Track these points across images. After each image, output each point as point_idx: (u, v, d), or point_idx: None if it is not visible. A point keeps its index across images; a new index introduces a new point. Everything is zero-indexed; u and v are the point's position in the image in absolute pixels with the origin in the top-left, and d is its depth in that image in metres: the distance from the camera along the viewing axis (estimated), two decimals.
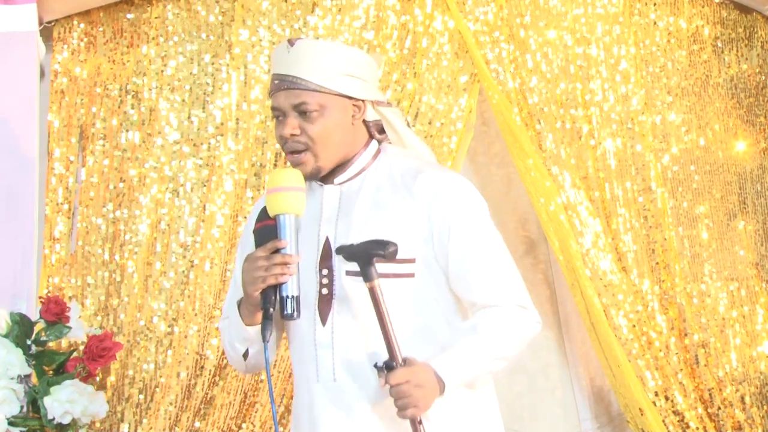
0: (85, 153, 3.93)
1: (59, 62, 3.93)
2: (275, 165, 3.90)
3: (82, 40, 3.96)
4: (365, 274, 2.30)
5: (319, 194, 2.49)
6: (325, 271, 2.42)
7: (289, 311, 2.33)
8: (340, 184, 2.49)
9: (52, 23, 3.91)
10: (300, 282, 2.35)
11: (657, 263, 4.09)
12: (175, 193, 3.91)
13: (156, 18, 3.98)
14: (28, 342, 3.46)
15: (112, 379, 3.80)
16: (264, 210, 2.39)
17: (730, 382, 4.05)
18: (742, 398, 4.06)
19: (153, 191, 3.90)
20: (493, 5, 4.04)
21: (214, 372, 3.80)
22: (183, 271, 3.85)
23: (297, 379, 2.51)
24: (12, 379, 3.37)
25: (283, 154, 3.87)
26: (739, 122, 4.26)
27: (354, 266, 2.34)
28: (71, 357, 3.49)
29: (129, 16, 3.98)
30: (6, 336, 3.41)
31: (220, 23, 3.99)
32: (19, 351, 3.39)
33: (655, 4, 4.23)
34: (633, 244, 4.07)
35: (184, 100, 3.95)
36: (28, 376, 3.44)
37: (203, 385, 3.80)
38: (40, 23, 3.79)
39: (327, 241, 2.44)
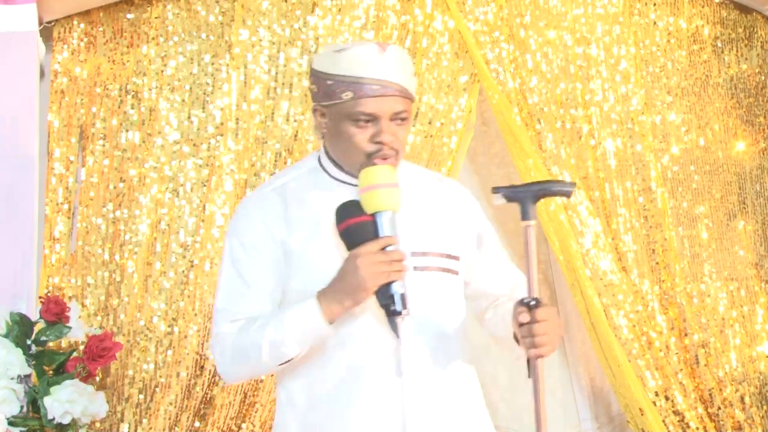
0: (85, 153, 3.92)
1: (59, 62, 3.92)
2: (275, 165, 3.90)
3: (82, 40, 3.96)
4: (526, 212, 2.35)
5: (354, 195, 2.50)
6: None
7: (399, 308, 2.32)
8: None
9: (52, 23, 3.91)
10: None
11: (657, 263, 4.09)
12: (175, 193, 3.91)
13: (156, 18, 3.98)
14: (28, 342, 3.46)
15: (111, 379, 3.80)
16: (345, 207, 2.37)
17: (730, 382, 4.05)
18: (742, 398, 4.06)
19: (153, 191, 3.90)
20: (493, 5, 4.04)
21: (214, 372, 3.80)
22: (183, 271, 3.85)
23: (353, 377, 2.42)
24: (12, 379, 3.37)
25: (283, 154, 3.89)
26: (738, 122, 4.26)
27: (419, 261, 2.43)
28: (71, 357, 3.49)
29: (129, 16, 3.98)
30: (6, 336, 3.42)
31: (220, 23, 3.99)
32: (19, 351, 3.40)
33: (655, 4, 4.23)
34: (633, 244, 4.07)
35: (184, 100, 3.95)
36: (28, 376, 3.44)
37: (203, 385, 3.80)
38: (40, 23, 3.79)
39: None
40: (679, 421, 3.99)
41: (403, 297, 2.32)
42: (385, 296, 2.32)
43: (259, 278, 2.46)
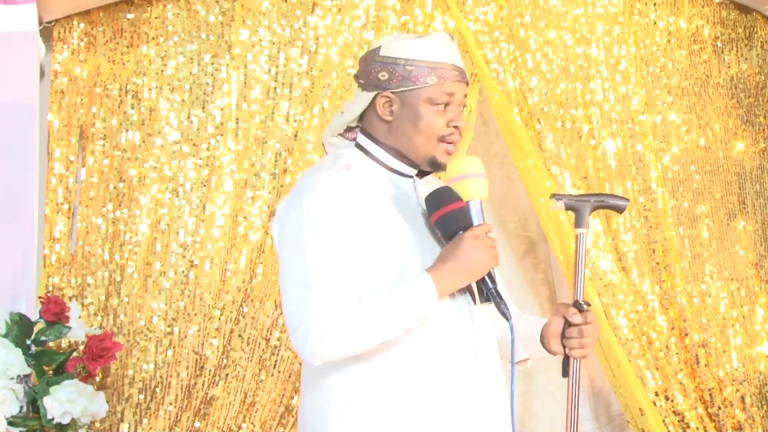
0: (84, 153, 3.92)
1: (59, 62, 3.92)
2: (275, 165, 3.90)
3: (82, 40, 3.96)
4: (581, 221, 2.52)
5: (407, 185, 2.56)
6: None
7: (499, 293, 2.44)
8: (420, 177, 2.61)
9: (52, 23, 3.91)
10: None
11: (657, 263, 4.09)
12: (175, 193, 3.90)
13: (156, 18, 3.98)
14: (28, 342, 3.46)
15: (111, 379, 3.80)
16: (438, 196, 2.44)
17: (730, 382, 4.05)
18: (743, 398, 4.06)
19: (153, 191, 3.90)
20: (493, 5, 4.04)
21: (214, 372, 3.80)
22: (183, 271, 3.85)
23: (433, 361, 2.43)
24: (12, 379, 3.36)
25: (283, 154, 3.89)
26: (738, 122, 4.26)
27: None
28: (71, 357, 3.49)
29: (129, 16, 3.98)
30: (6, 336, 3.41)
31: (220, 23, 3.99)
32: (19, 351, 3.39)
33: (655, 4, 4.23)
34: (633, 244, 4.07)
35: (183, 100, 3.95)
36: (27, 376, 3.44)
37: (203, 385, 3.80)
38: (40, 23, 3.79)
39: None
40: (679, 421, 3.99)
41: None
42: (492, 279, 2.43)
43: (350, 255, 2.40)
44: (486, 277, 2.42)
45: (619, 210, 2.61)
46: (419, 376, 2.41)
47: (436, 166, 2.54)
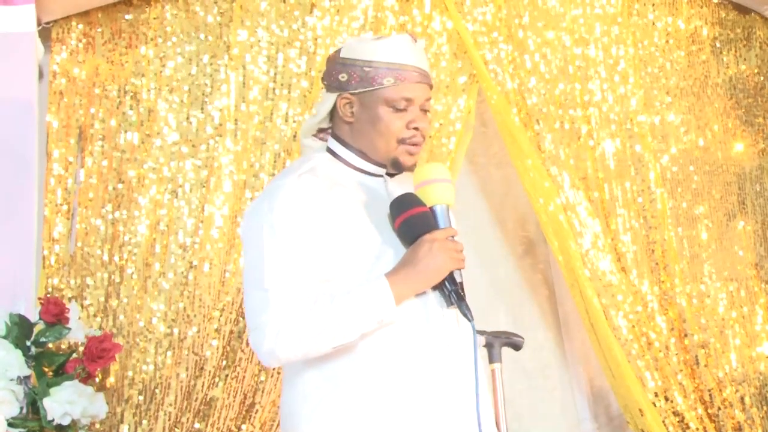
0: (83, 154, 3.92)
1: (58, 63, 3.92)
2: (274, 166, 3.90)
3: (80, 41, 3.95)
4: (493, 356, 2.65)
5: (378, 185, 2.57)
6: None
7: (463, 294, 2.43)
8: (391, 176, 2.61)
9: (51, 24, 3.90)
10: None
11: (656, 264, 4.09)
12: (174, 193, 3.90)
13: (154, 19, 3.97)
14: (28, 343, 3.45)
15: (111, 380, 3.80)
16: (402, 201, 2.45)
17: (729, 383, 4.05)
18: (742, 399, 4.06)
19: (152, 192, 3.89)
20: (492, 6, 4.05)
21: (213, 373, 3.79)
22: (182, 272, 3.85)
23: (398, 362, 2.44)
24: (11, 380, 3.36)
25: (282, 155, 3.89)
26: (737, 123, 4.27)
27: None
28: (71, 358, 3.48)
29: (127, 16, 3.97)
30: (5, 337, 3.41)
31: (219, 24, 3.99)
32: (19, 352, 3.39)
33: (653, 5, 4.24)
34: (632, 244, 4.07)
35: (182, 101, 3.95)
36: (27, 378, 3.43)
37: (203, 386, 3.79)
38: (39, 24, 3.78)
39: None
40: (678, 421, 3.99)
41: (462, 285, 2.43)
42: (454, 282, 2.41)
43: (309, 258, 2.43)
44: (446, 281, 2.41)
45: (517, 348, 2.71)
46: (385, 377, 2.43)
47: (399, 168, 2.54)
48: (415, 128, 2.51)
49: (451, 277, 2.41)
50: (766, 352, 4.13)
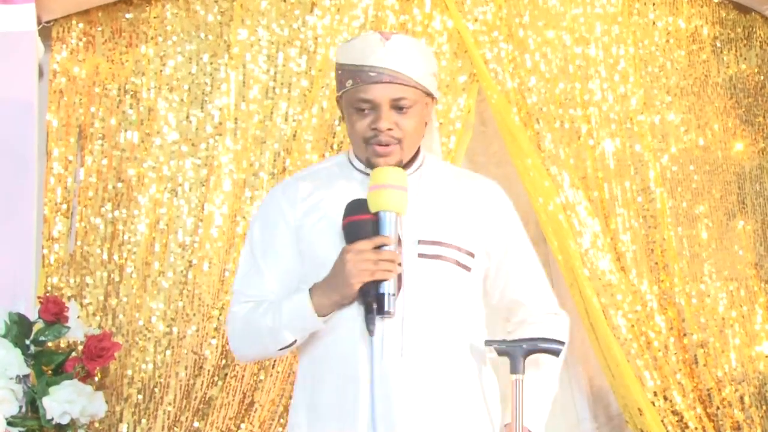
0: (83, 153, 3.92)
1: (58, 62, 3.92)
2: (274, 165, 3.90)
3: (80, 40, 3.95)
4: (515, 367, 2.45)
5: None
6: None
7: (387, 309, 2.36)
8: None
9: (51, 23, 3.91)
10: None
11: (656, 263, 4.09)
12: (174, 192, 3.90)
13: (155, 18, 3.97)
14: (27, 342, 3.46)
15: (110, 379, 3.80)
16: (353, 204, 2.43)
17: (729, 382, 4.05)
18: (741, 398, 4.06)
19: (151, 191, 3.90)
20: (492, 5, 4.04)
21: (213, 372, 3.79)
22: (181, 271, 3.85)
23: (341, 365, 2.46)
24: (11, 379, 3.36)
25: (282, 154, 3.89)
26: (738, 122, 4.26)
27: (427, 249, 2.46)
28: (70, 357, 3.49)
29: (128, 15, 3.98)
30: (5, 336, 3.41)
31: (219, 23, 3.99)
32: (18, 351, 3.39)
33: (654, 4, 4.23)
34: (632, 244, 4.07)
35: (182, 100, 3.95)
36: (26, 376, 3.44)
37: (202, 385, 3.80)
38: (39, 23, 3.79)
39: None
40: (677, 421, 3.99)
41: (393, 298, 2.36)
42: (369, 294, 2.36)
43: (272, 262, 2.55)
44: (367, 291, 2.36)
45: (554, 354, 2.54)
46: (314, 383, 2.51)
47: (372, 167, 2.51)
48: (375, 128, 2.46)
49: (370, 290, 2.35)
50: (765, 351, 4.12)
